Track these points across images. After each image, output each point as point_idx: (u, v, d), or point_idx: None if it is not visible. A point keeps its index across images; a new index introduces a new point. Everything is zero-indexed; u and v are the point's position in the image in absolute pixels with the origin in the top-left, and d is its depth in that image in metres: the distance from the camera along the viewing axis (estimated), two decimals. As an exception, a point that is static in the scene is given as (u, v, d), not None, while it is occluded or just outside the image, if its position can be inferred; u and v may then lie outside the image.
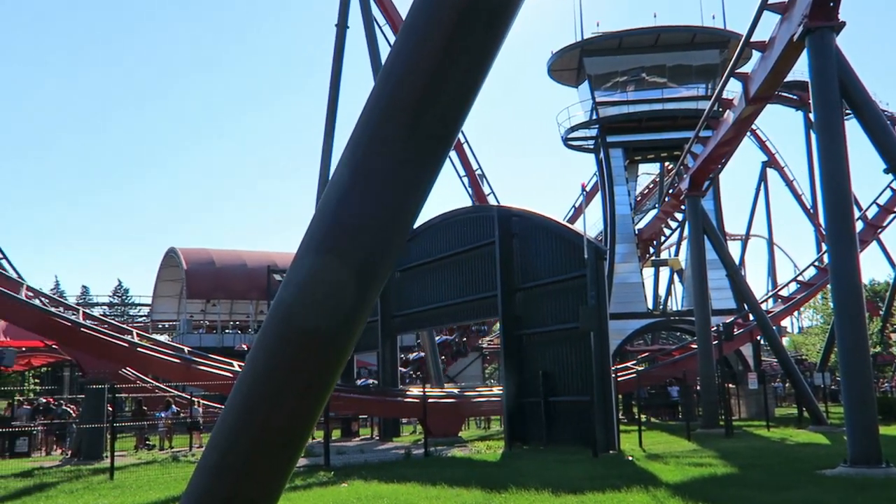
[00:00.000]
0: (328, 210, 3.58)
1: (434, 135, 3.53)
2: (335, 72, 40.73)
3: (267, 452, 3.65)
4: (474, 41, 3.41)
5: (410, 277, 30.31)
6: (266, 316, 3.75)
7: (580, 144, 45.66)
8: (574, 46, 42.33)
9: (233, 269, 53.74)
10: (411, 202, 3.61)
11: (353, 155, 3.58)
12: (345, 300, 3.54)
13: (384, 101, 3.56)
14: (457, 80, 3.50)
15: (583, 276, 22.03)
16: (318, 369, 3.60)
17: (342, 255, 3.51)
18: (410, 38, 3.52)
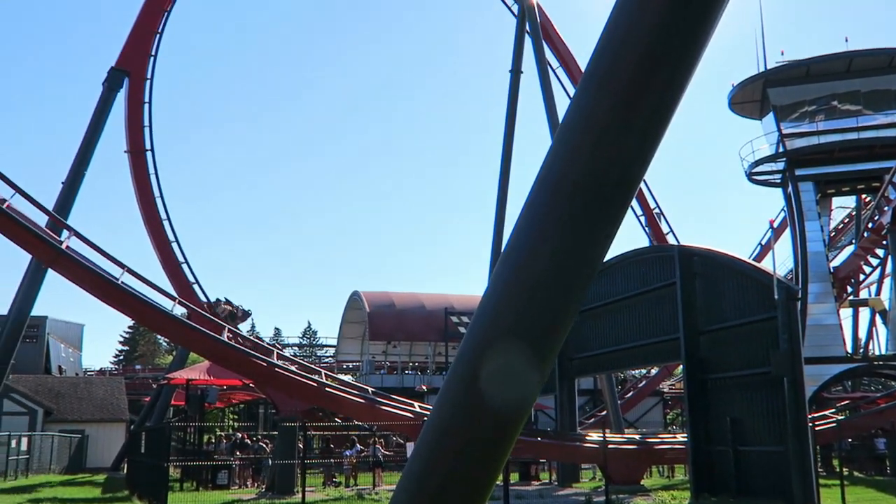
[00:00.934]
0: (503, 274, 3.61)
1: (617, 182, 3.48)
2: (510, 115, 41.29)
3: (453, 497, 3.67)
4: (658, 84, 3.34)
5: (588, 319, 29.84)
6: (442, 384, 3.81)
7: (766, 179, 43.49)
8: (757, 77, 40.62)
9: (412, 312, 55.25)
10: (592, 256, 3.57)
11: (528, 215, 3.59)
12: (523, 368, 3.54)
13: (562, 152, 3.55)
14: (639, 127, 3.44)
15: (773, 319, 20.79)
16: (494, 440, 3.60)
17: (518, 322, 3.51)
18: (590, 84, 3.50)
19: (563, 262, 3.61)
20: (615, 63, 3.53)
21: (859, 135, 38.78)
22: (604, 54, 3.66)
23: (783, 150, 40.07)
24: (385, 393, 28.39)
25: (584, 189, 3.53)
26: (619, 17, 3.59)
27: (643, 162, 3.58)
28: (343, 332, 61.37)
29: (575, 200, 3.54)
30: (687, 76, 3.49)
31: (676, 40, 3.45)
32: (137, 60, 40.13)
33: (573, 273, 3.56)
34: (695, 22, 3.43)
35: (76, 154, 37.55)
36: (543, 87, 38.73)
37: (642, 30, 3.40)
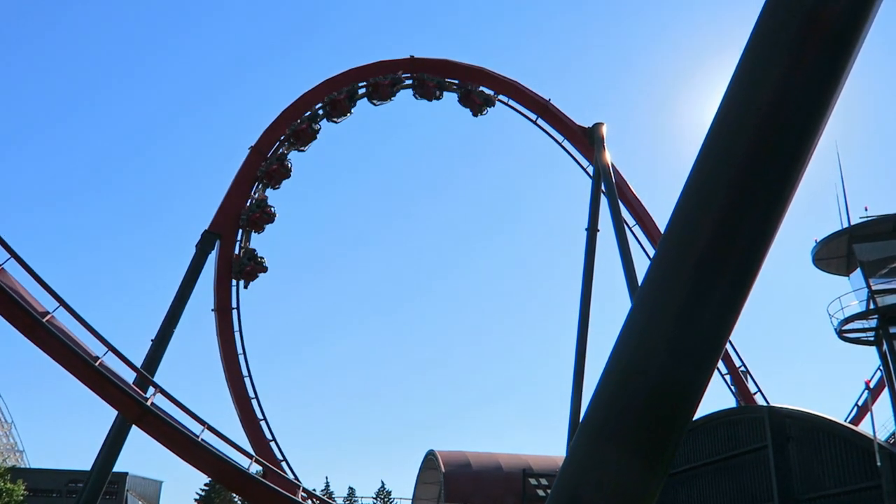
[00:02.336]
0: (606, 394, 3.55)
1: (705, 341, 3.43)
2: (587, 272, 41.38)
3: None
4: (738, 248, 3.33)
5: (673, 485, 28.37)
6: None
7: (857, 337, 41.82)
8: (841, 233, 39.97)
9: (489, 473, 53.64)
10: (691, 400, 3.48)
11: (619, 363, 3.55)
12: (630, 487, 3.43)
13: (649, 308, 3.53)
14: (719, 293, 3.42)
15: (878, 487, 19.39)
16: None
17: (623, 442, 3.42)
18: (674, 237, 3.52)
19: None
20: (694, 222, 3.57)
21: (953, 290, 37.32)
22: (681, 215, 3.70)
23: (874, 307, 38.72)
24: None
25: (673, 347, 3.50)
26: (700, 171, 3.65)
27: (726, 327, 3.54)
28: (418, 493, 59.75)
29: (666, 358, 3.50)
30: (769, 238, 3.48)
31: (756, 200, 3.48)
32: (229, 224, 42.27)
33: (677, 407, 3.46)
34: (776, 178, 3.46)
35: (167, 312, 38.99)
36: (620, 245, 38.91)
37: (721, 186, 3.45)
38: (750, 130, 3.27)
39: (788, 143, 3.31)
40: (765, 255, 3.54)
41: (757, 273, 3.60)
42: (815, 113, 3.24)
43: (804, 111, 3.20)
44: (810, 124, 3.27)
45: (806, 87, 3.15)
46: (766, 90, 3.17)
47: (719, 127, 3.40)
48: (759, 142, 3.27)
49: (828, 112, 3.21)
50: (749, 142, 3.30)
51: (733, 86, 3.30)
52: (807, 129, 3.28)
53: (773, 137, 3.28)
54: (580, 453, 3.70)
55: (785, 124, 3.28)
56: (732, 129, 3.34)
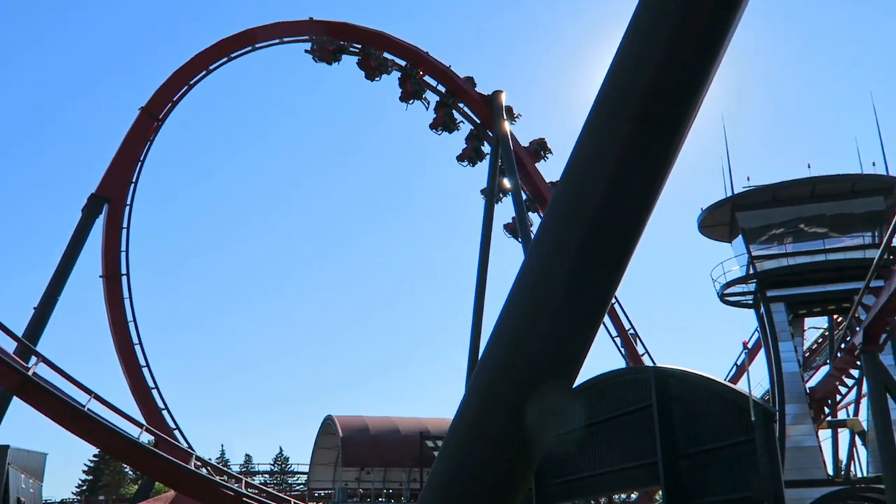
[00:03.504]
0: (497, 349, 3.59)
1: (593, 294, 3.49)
2: (485, 240, 41.85)
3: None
4: (630, 201, 3.40)
5: (566, 443, 29.22)
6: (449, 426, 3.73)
7: (738, 300, 44.03)
8: (725, 202, 41.76)
9: (387, 436, 54.06)
10: (578, 349, 3.54)
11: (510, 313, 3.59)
12: (522, 411, 3.48)
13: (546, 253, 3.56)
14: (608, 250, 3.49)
15: (752, 441, 20.52)
16: (500, 474, 3.50)
17: (520, 370, 3.47)
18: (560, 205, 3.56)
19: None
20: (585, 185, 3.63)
21: (827, 257, 39.62)
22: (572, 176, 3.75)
23: (753, 272, 40.74)
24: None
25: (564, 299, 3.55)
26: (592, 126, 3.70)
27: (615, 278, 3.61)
28: (315, 459, 59.67)
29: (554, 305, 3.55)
30: (649, 206, 3.57)
31: (640, 170, 3.56)
32: (118, 187, 40.60)
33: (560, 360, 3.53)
34: (658, 150, 3.55)
35: (50, 279, 37.32)
36: (517, 212, 39.53)
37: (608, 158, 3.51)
38: (633, 105, 3.34)
39: (669, 116, 3.39)
40: (645, 223, 3.63)
41: (638, 239, 3.68)
42: (695, 85, 3.32)
43: (684, 85, 3.29)
44: (690, 97, 3.36)
45: (686, 62, 3.23)
46: (647, 68, 3.24)
47: (604, 99, 3.46)
48: (641, 116, 3.34)
49: (706, 84, 3.30)
50: (632, 115, 3.37)
51: (616, 62, 3.36)
52: (687, 101, 3.36)
53: (655, 110, 3.35)
54: (470, 413, 3.73)
55: (666, 98, 3.36)
56: (616, 102, 3.40)
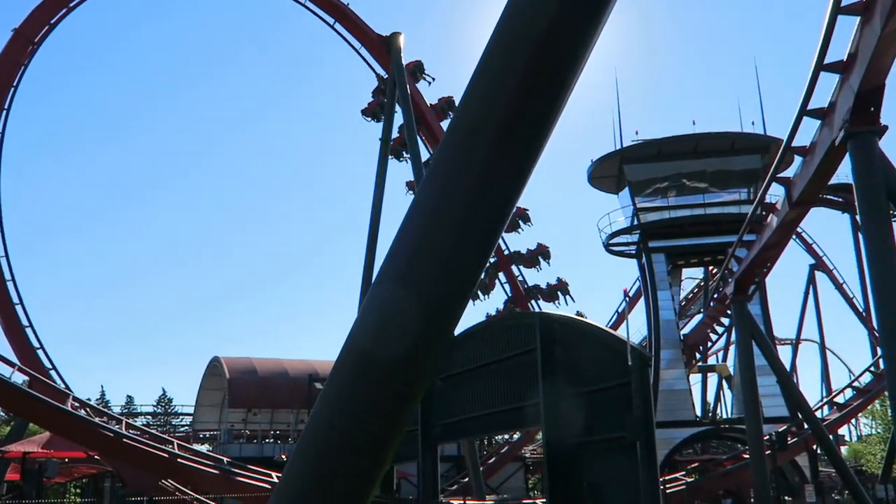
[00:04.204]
0: (403, 244, 3.57)
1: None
2: (378, 184, 41.54)
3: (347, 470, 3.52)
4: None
5: (452, 385, 29.86)
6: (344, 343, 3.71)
7: (622, 250, 45.64)
8: (614, 154, 42.88)
9: (275, 378, 53.73)
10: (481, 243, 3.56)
11: (430, 188, 3.57)
12: (413, 329, 3.49)
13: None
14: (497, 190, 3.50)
15: (627, 384, 21.50)
16: (388, 397, 3.51)
17: (415, 284, 3.47)
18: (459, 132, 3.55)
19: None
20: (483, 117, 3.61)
21: (706, 211, 41.48)
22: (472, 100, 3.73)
23: (637, 223, 42.23)
24: (242, 463, 27.26)
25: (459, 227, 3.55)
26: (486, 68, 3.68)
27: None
28: (200, 400, 58.77)
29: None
30: (535, 155, 3.59)
31: (527, 118, 3.58)
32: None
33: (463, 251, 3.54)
34: (546, 99, 3.57)
35: None
36: (412, 156, 39.35)
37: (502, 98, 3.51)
38: (524, 55, 3.35)
39: (559, 65, 3.41)
40: (531, 169, 3.65)
41: (524, 184, 3.71)
42: (585, 34, 3.35)
43: (575, 37, 3.31)
44: (580, 47, 3.38)
45: (576, 15, 3.26)
46: (540, 19, 3.26)
47: (494, 48, 3.46)
48: (531, 68, 3.36)
49: (596, 35, 3.33)
50: (522, 66, 3.37)
51: (508, 9, 3.37)
52: (577, 50, 3.39)
53: (546, 60, 3.37)
54: (356, 344, 3.71)
55: (557, 47, 3.37)
56: (507, 51, 3.40)
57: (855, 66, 15.97)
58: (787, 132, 20.18)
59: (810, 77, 17.38)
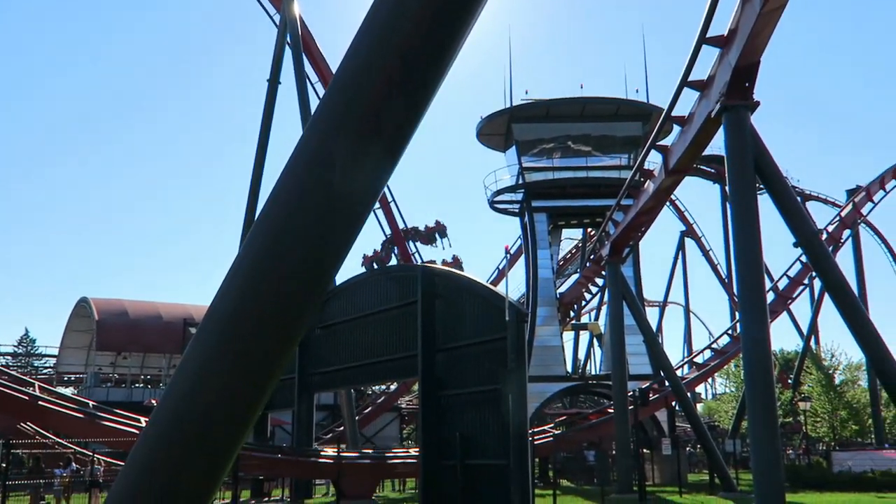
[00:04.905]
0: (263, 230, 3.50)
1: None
2: (264, 126, 40.45)
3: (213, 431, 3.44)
4: (411, 89, 3.38)
5: (331, 334, 29.83)
6: None
7: (506, 208, 46.33)
8: (503, 112, 43.23)
9: (148, 321, 52.07)
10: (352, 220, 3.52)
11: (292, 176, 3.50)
12: (291, 276, 3.43)
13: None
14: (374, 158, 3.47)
15: (504, 339, 22.03)
16: (264, 344, 3.45)
17: (282, 259, 3.41)
18: (328, 112, 3.49)
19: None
20: (356, 91, 3.55)
21: (588, 174, 42.55)
22: (344, 81, 3.66)
23: (522, 182, 42.92)
24: (109, 408, 26.41)
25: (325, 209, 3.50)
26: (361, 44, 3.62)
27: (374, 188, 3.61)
28: (66, 342, 56.32)
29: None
30: (420, 112, 3.57)
31: (416, 71, 3.54)
32: None
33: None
34: (432, 58, 3.54)
35: None
36: (301, 100, 38.45)
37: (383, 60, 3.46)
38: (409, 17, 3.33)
39: (440, 34, 3.41)
40: (420, 118, 3.62)
41: (411, 135, 3.68)
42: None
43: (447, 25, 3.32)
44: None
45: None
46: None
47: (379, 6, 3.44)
48: (413, 35, 3.34)
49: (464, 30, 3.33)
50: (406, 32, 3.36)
51: None
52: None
53: (428, 27, 3.36)
54: (237, 282, 3.62)
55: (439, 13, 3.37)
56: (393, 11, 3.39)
57: (734, 41, 16.62)
58: (668, 102, 20.89)
59: (693, 49, 17.99)
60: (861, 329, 17.18)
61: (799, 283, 45.81)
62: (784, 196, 17.89)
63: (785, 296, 45.59)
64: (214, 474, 3.59)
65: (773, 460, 15.57)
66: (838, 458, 34.25)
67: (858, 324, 17.19)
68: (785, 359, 63.92)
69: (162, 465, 3.46)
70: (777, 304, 44.41)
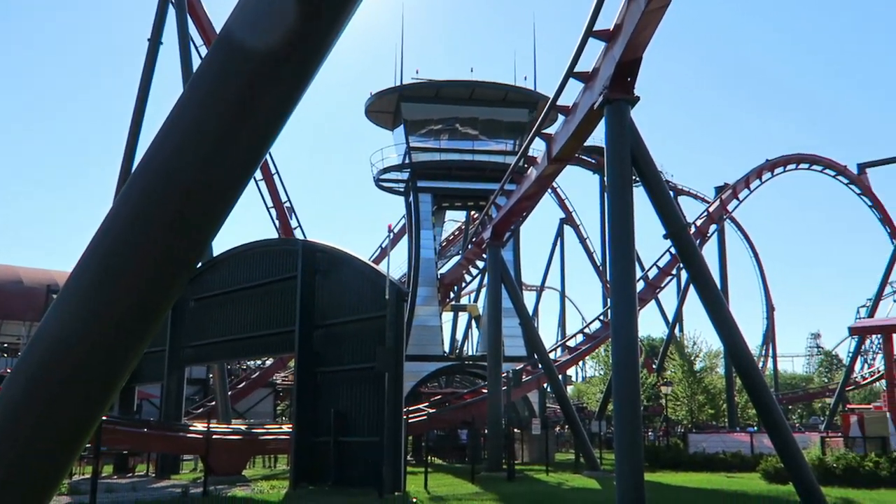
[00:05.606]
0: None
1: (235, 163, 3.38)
2: (143, 87, 38.72)
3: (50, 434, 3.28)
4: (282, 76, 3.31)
5: (207, 307, 29.05)
6: None
7: (391, 186, 46.22)
8: (393, 90, 43.01)
9: (6, 286, 49.15)
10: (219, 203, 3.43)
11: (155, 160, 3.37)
12: (166, 230, 3.31)
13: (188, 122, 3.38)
14: (261, 115, 3.38)
15: (383, 317, 22.09)
16: (133, 310, 3.31)
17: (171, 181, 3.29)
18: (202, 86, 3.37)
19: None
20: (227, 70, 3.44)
21: (474, 157, 42.97)
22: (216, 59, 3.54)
23: (409, 161, 42.91)
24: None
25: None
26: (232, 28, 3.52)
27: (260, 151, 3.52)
28: None
29: None
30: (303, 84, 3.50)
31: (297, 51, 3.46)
32: None
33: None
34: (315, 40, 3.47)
35: None
36: (183, 61, 37.05)
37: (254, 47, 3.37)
38: None
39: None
40: (302, 90, 3.57)
41: (291, 108, 3.63)
42: None
43: None
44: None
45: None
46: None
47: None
48: None
49: None
50: None
51: None
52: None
53: None
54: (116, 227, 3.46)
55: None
56: None
57: (619, 36, 17.13)
58: (554, 91, 21.34)
59: (579, 41, 18.42)
60: (720, 319, 18.17)
61: (667, 273, 47.98)
62: (658, 189, 18.65)
63: (654, 285, 47.64)
64: (70, 448, 3.44)
65: (635, 441, 16.31)
66: (694, 439, 36.22)
67: (718, 314, 18.18)
68: (651, 345, 66.92)
69: (10, 437, 3.28)
70: (646, 293, 46.39)
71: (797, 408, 79.82)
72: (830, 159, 54.40)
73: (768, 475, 24.62)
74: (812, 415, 76.56)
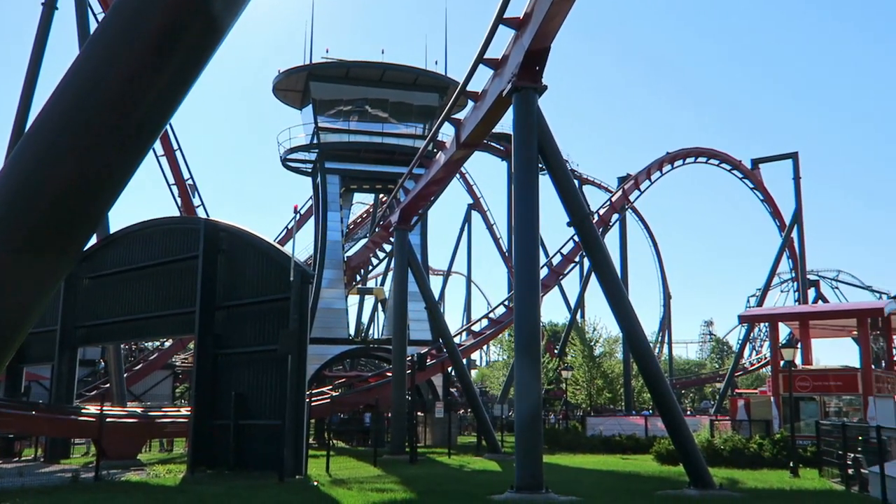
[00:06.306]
0: None
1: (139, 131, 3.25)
2: (36, 53, 36.82)
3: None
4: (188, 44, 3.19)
5: (102, 286, 28.00)
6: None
7: (299, 167, 45.54)
8: (301, 69, 42.28)
9: None
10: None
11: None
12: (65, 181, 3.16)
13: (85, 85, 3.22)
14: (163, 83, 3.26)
15: (287, 299, 21.78)
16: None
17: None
18: (118, 22, 3.22)
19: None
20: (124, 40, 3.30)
21: (383, 140, 42.73)
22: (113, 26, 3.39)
23: (317, 141, 42.33)
24: None
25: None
26: None
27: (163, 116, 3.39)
28: None
29: None
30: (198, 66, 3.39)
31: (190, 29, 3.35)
32: None
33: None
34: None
35: None
36: (80, 27, 35.47)
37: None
38: None
39: None
40: (203, 60, 3.45)
41: (190, 82, 3.51)
42: None
43: None
44: None
45: None
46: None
47: None
48: None
49: None
50: None
51: None
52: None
53: None
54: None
55: None
56: None
57: (529, 25, 17.31)
58: (464, 76, 21.42)
59: (490, 28, 18.53)
60: (620, 306, 18.69)
61: (571, 260, 49.11)
62: (563, 178, 18.99)
63: (557, 271, 48.68)
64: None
65: (534, 424, 16.65)
66: (592, 422, 37.28)
67: (618, 301, 18.69)
68: (553, 330, 68.39)
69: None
70: (550, 279, 47.38)
71: (690, 392, 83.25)
72: (727, 154, 56.70)
73: (661, 457, 25.59)
74: (703, 399, 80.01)
